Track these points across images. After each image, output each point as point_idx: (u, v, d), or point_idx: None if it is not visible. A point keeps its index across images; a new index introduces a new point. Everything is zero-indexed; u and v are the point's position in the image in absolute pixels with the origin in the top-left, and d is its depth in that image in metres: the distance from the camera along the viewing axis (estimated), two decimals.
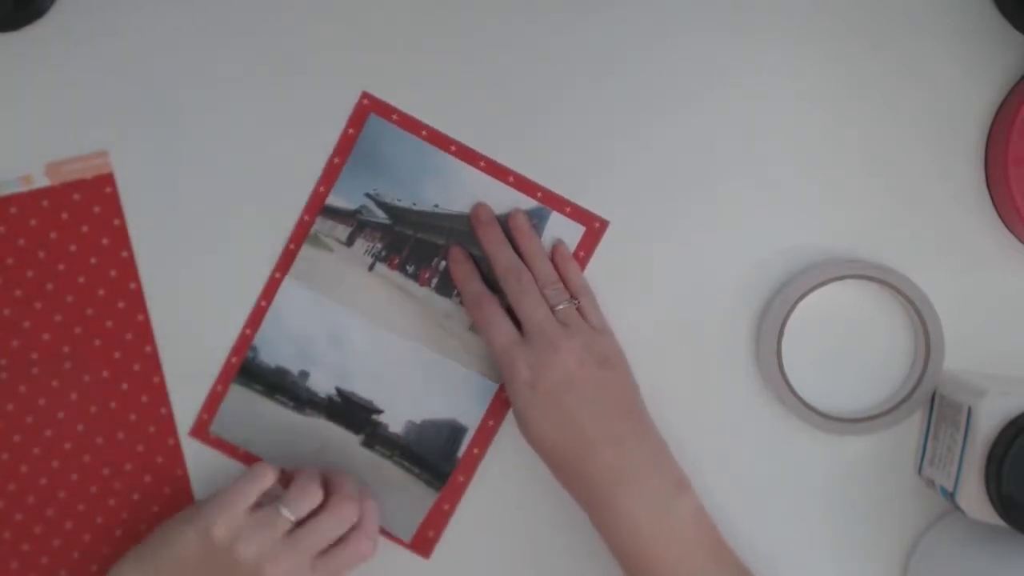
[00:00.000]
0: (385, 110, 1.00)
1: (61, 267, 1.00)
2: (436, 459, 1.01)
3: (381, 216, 1.00)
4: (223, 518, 0.91)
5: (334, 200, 1.00)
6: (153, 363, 1.01)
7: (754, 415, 1.00)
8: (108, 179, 1.00)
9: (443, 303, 1.01)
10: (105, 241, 1.00)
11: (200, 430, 1.02)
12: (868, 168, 0.99)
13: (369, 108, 1.00)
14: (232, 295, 1.01)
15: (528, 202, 1.00)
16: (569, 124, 1.00)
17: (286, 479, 0.97)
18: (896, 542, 1.00)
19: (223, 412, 1.01)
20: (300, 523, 0.93)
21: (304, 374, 1.01)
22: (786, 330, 0.96)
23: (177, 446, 1.01)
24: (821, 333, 0.99)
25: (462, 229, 1.00)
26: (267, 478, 0.94)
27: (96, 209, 1.00)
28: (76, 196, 1.00)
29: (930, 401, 0.98)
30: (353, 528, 0.95)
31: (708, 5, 0.99)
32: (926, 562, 0.98)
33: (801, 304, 0.96)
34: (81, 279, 1.00)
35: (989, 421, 0.89)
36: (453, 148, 1.00)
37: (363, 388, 1.01)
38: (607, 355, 0.95)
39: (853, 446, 1.00)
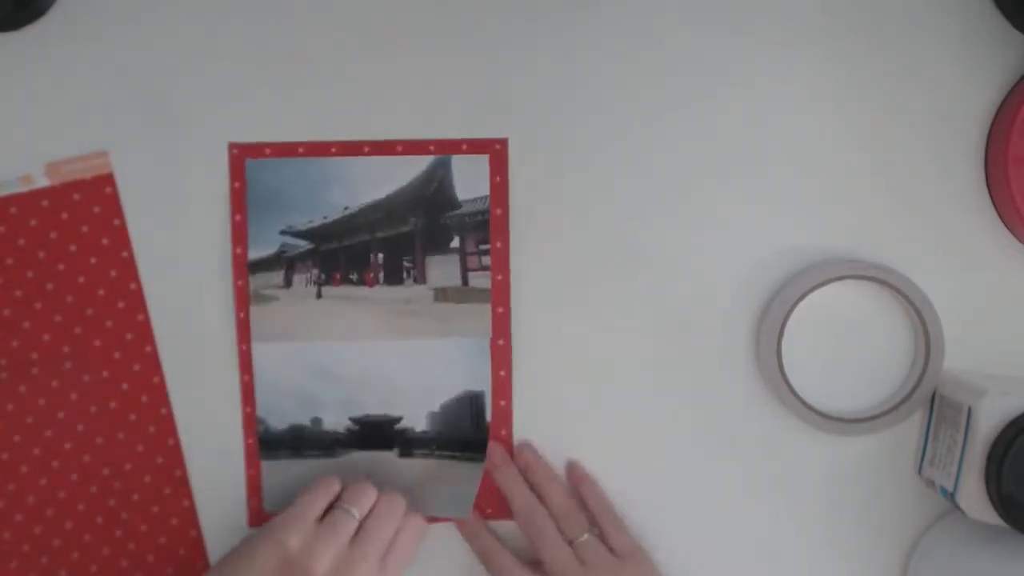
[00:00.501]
0: (255, 150, 1.00)
1: (61, 267, 1.00)
2: (470, 434, 1.01)
3: (303, 244, 1.00)
4: (296, 530, 0.92)
5: (255, 254, 1.00)
6: (153, 363, 1.01)
7: (754, 415, 1.00)
8: (108, 179, 1.00)
9: (399, 291, 1.01)
10: (105, 241, 1.00)
11: (256, 517, 1.02)
12: (868, 168, 0.99)
13: (241, 155, 1.00)
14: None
15: (424, 160, 1.00)
16: (586, 118, 1.00)
17: None
18: (896, 542, 1.00)
19: (267, 490, 1.02)
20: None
21: (317, 420, 1.01)
22: (786, 330, 0.96)
23: (177, 446, 1.01)
24: (821, 333, 0.99)
25: (380, 216, 1.00)
26: (334, 487, 0.95)
27: (96, 209, 1.00)
28: (76, 196, 1.00)
29: (930, 401, 0.98)
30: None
31: (707, 5, 0.99)
32: (926, 562, 0.98)
33: (801, 304, 0.96)
34: (81, 279, 1.00)
35: (989, 421, 0.89)
36: (333, 149, 1.00)
37: (374, 406, 1.01)
38: None
39: (853, 446, 1.00)
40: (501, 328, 1.00)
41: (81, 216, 1.00)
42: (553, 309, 1.00)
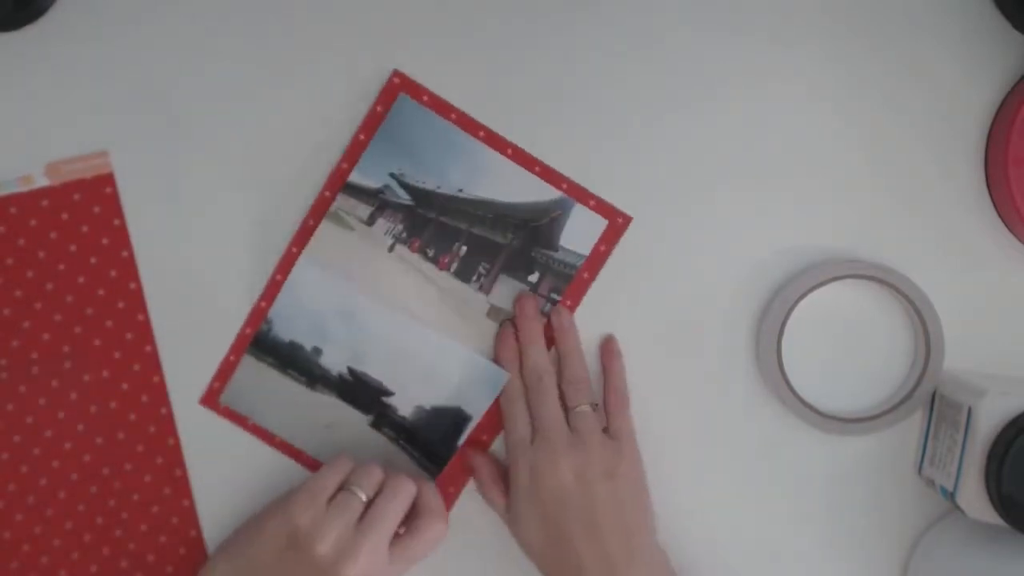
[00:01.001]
0: (416, 90, 0.99)
1: (61, 267, 1.00)
2: (437, 446, 1.01)
3: (404, 197, 1.00)
4: (306, 508, 0.92)
5: (357, 178, 1.00)
6: (153, 363, 1.01)
7: (754, 415, 1.00)
8: (108, 179, 1.00)
9: (461, 289, 1.00)
10: (105, 241, 1.00)
11: (211, 399, 1.01)
12: (868, 168, 0.99)
13: (400, 87, 0.99)
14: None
15: (553, 192, 1.00)
16: (586, 118, 1.00)
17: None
18: (896, 542, 1.00)
19: (235, 382, 1.01)
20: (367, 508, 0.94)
21: (317, 351, 1.00)
22: (786, 330, 0.96)
23: (177, 446, 1.01)
24: (821, 333, 0.99)
25: (484, 215, 1.00)
26: (347, 466, 0.95)
27: (96, 209, 1.00)
28: (76, 196, 1.00)
29: (930, 401, 0.98)
30: (420, 514, 0.95)
31: (709, 6, 0.99)
32: (926, 562, 0.98)
33: (801, 304, 0.96)
34: (81, 279, 1.00)
35: (989, 421, 0.89)
36: (482, 133, 1.00)
37: (375, 370, 1.01)
38: (613, 468, 0.95)
39: (853, 446, 1.00)
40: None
41: (81, 216, 1.00)
42: None
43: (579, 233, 1.00)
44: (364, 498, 0.93)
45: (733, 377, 1.00)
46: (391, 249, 1.00)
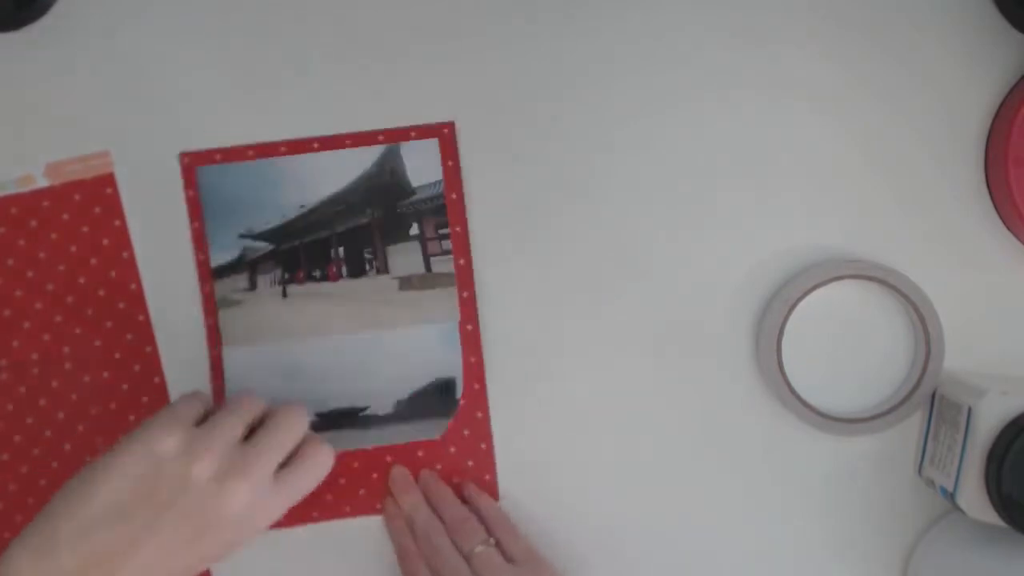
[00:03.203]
0: (206, 156, 1.00)
1: (61, 268, 1.00)
2: (440, 412, 1.00)
3: (264, 246, 1.00)
4: (168, 430, 0.83)
5: (218, 259, 1.00)
6: (154, 364, 1.01)
7: (754, 415, 1.00)
8: (109, 179, 1.00)
9: (363, 283, 1.00)
10: (105, 242, 1.00)
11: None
12: (868, 168, 0.99)
13: (192, 163, 1.00)
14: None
15: (375, 151, 1.00)
16: (566, 125, 1.00)
17: None
18: (896, 542, 1.00)
19: None
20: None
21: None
22: (786, 330, 0.97)
23: None
24: (821, 333, 0.99)
25: (337, 211, 1.00)
26: (206, 398, 0.90)
27: (96, 210, 1.00)
28: (76, 197, 1.00)
29: (930, 401, 0.98)
30: (305, 442, 0.89)
31: (706, 6, 0.99)
32: (926, 562, 0.98)
33: (801, 304, 0.96)
34: (81, 280, 1.00)
35: (989, 421, 0.89)
36: (283, 148, 1.00)
37: (340, 400, 1.00)
38: None
39: (853, 446, 1.00)
40: (468, 313, 1.00)
41: (81, 217, 1.00)
42: (539, 301, 1.01)
43: (423, 166, 1.00)
44: (244, 421, 0.86)
45: (733, 377, 1.00)
46: (284, 295, 1.00)
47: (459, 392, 1.00)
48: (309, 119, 1.00)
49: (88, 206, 1.00)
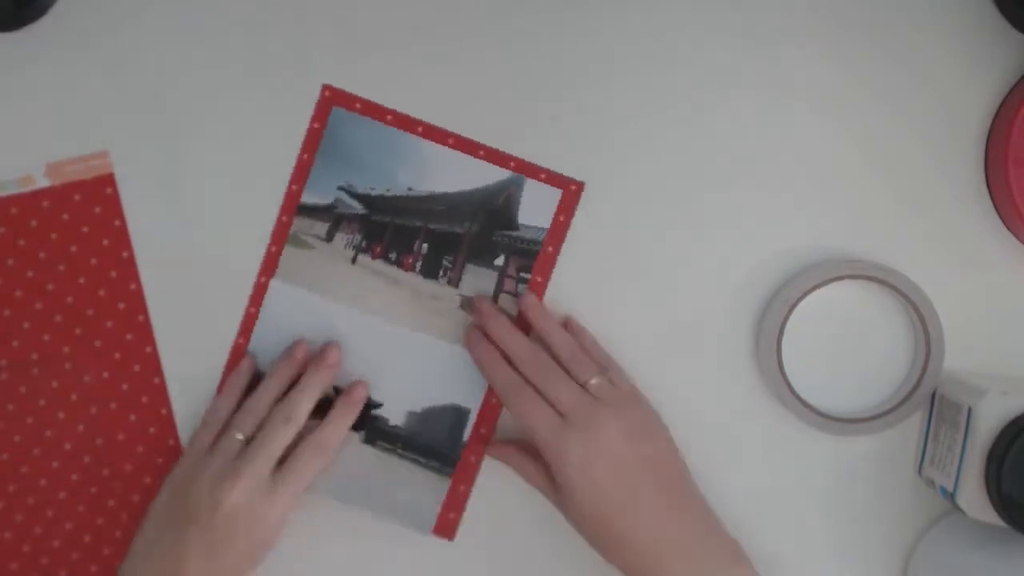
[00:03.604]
0: (347, 100, 1.00)
1: (61, 268, 1.00)
2: (442, 446, 1.00)
3: (357, 207, 1.00)
4: (180, 463, 0.96)
5: (308, 197, 1.00)
6: (153, 364, 1.01)
7: (754, 415, 1.00)
8: (108, 179, 1.00)
9: (430, 286, 1.00)
10: (105, 242, 1.00)
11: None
12: (868, 168, 0.99)
13: (331, 100, 1.00)
14: (221, 304, 1.01)
15: (502, 173, 1.00)
16: (566, 125, 1.00)
17: None
18: (896, 542, 1.00)
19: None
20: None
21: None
22: (786, 330, 0.97)
23: (177, 447, 1.01)
24: (821, 333, 0.99)
25: (439, 209, 1.00)
26: (220, 414, 0.98)
27: (96, 210, 1.00)
28: (76, 197, 1.00)
29: (930, 401, 0.98)
30: (301, 441, 0.96)
31: (706, 6, 0.99)
32: (926, 562, 0.98)
33: (801, 304, 0.96)
34: (81, 280, 1.00)
35: (989, 421, 0.89)
36: (420, 129, 1.00)
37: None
38: (650, 427, 0.95)
39: (853, 446, 1.00)
40: None
41: (82, 217, 1.00)
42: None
43: (536, 208, 1.00)
44: (242, 437, 0.95)
45: (733, 377, 1.00)
46: (354, 260, 1.01)
47: (467, 433, 1.00)
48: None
49: (88, 206, 1.00)
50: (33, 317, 1.00)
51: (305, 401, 0.96)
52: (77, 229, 1.00)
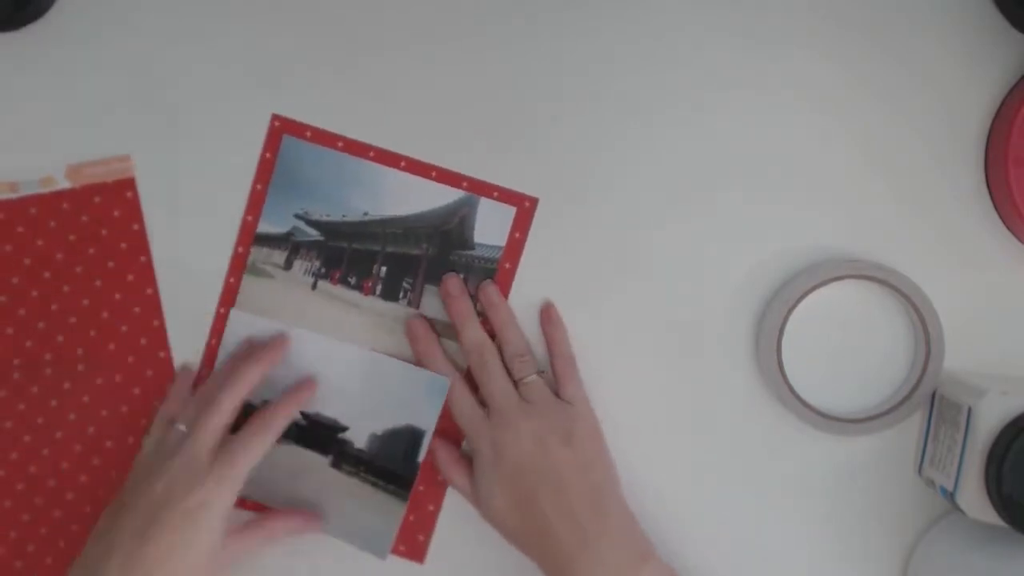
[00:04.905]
0: (298, 128, 1.01)
1: (79, 269, 1.01)
2: (399, 468, 1.01)
3: (314, 234, 1.01)
4: (137, 464, 0.97)
5: (264, 227, 1.01)
6: (166, 369, 1.02)
7: (754, 415, 1.00)
8: (129, 183, 1.01)
9: (391, 308, 1.01)
10: (124, 245, 1.01)
11: None
12: (868, 168, 0.99)
13: (281, 129, 1.01)
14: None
15: (455, 193, 1.00)
16: (566, 125, 1.01)
17: None
18: (896, 542, 1.00)
19: None
20: None
21: (266, 403, 1.00)
22: (786, 330, 0.97)
23: None
24: (821, 333, 0.99)
25: (395, 232, 1.01)
26: (170, 410, 0.99)
27: (116, 213, 1.01)
28: (96, 199, 1.01)
29: (930, 401, 0.98)
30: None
31: (705, 6, 0.99)
32: (926, 562, 0.97)
33: (801, 304, 0.96)
34: (98, 282, 1.01)
35: (989, 421, 0.89)
36: (371, 153, 1.01)
37: (327, 407, 1.01)
38: (571, 432, 0.95)
39: (853, 446, 1.00)
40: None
41: (101, 219, 1.01)
42: (540, 303, 1.02)
43: (491, 227, 1.01)
44: (184, 427, 0.95)
45: (733, 377, 1.00)
46: (314, 287, 1.01)
47: (422, 454, 1.01)
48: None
49: (107, 209, 1.01)
50: (48, 318, 1.01)
51: (243, 386, 0.96)
52: (96, 232, 1.01)
